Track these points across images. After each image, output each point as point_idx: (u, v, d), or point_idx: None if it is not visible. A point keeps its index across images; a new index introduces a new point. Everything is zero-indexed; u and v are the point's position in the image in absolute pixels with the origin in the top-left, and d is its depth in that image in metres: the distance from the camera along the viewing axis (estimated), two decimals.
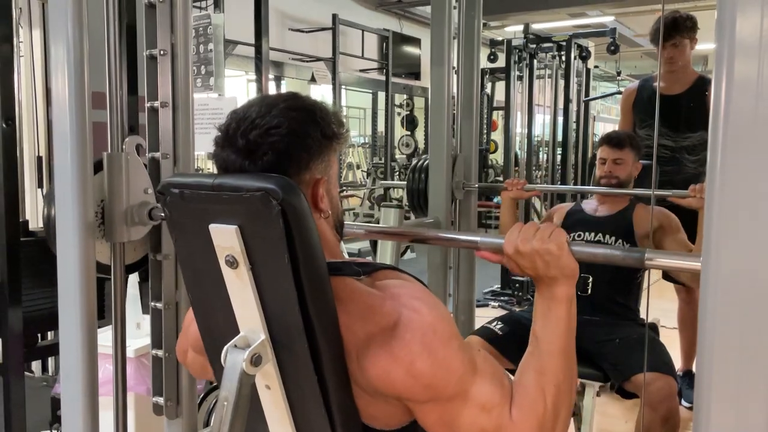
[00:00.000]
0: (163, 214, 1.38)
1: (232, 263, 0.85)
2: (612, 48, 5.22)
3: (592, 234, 2.22)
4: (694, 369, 2.42)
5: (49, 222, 1.40)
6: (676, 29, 2.58)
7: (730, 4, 0.67)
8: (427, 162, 2.60)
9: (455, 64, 2.53)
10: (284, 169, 0.86)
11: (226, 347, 0.87)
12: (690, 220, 2.15)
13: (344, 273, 0.89)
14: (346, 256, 1.00)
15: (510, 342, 2.09)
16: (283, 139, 0.86)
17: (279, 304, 0.85)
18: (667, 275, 2.60)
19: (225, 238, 0.84)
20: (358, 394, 0.87)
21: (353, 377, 0.87)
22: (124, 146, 1.38)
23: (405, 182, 2.62)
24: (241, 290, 0.86)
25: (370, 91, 9.08)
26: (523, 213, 5.10)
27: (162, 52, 1.43)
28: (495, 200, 6.34)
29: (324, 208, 0.92)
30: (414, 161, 2.81)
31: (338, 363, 0.85)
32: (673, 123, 2.56)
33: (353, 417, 0.89)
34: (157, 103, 1.44)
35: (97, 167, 1.36)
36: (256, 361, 0.87)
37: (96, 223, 1.34)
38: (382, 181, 7.62)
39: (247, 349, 0.86)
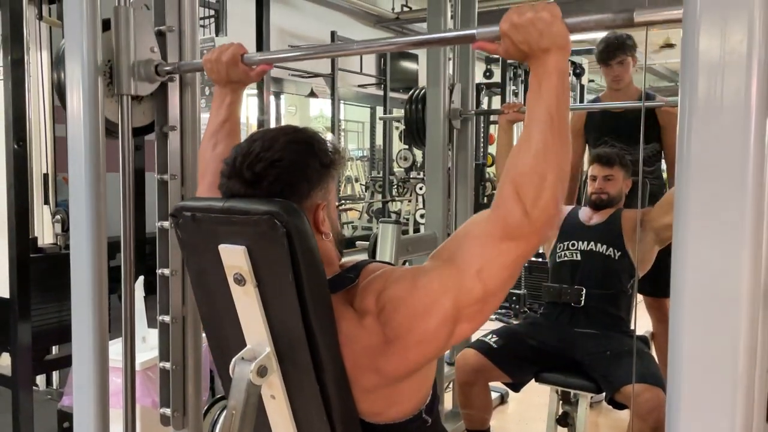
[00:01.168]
0: (167, 68, 1.45)
1: (240, 281, 0.91)
2: None
3: (585, 243, 2.29)
4: None
5: (60, 86, 1.44)
6: (621, 49, 2.72)
7: (693, 24, 0.73)
8: (424, 92, 2.67)
9: (451, 83, 2.62)
10: (287, 198, 0.93)
11: (234, 359, 0.94)
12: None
13: (341, 287, 0.96)
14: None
15: (505, 355, 2.15)
16: (286, 170, 0.94)
17: (283, 318, 0.92)
18: (643, 288, 2.66)
19: (233, 257, 0.91)
20: (379, 393, 0.95)
21: (368, 385, 0.94)
22: (130, 3, 1.43)
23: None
24: (248, 306, 0.93)
25: (369, 105, 9.17)
26: None
27: (171, 79, 1.50)
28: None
29: (326, 230, 0.99)
30: (411, 91, 2.90)
31: (339, 373, 0.92)
32: (626, 137, 2.66)
33: (353, 423, 0.95)
34: (166, 127, 1.51)
35: (105, 27, 1.41)
36: (261, 372, 0.93)
37: (105, 79, 1.40)
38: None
39: (254, 361, 0.93)
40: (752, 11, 0.69)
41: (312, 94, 7.29)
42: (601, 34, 3.19)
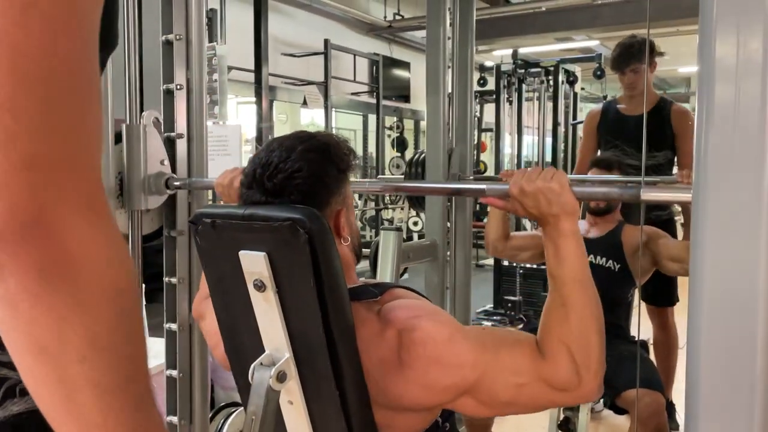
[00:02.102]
0: (177, 183, 1.47)
1: (260, 287, 0.92)
2: (598, 73, 5.37)
3: None
4: (670, 398, 2.49)
5: None
6: (634, 56, 2.64)
7: (709, 31, 0.73)
8: (423, 155, 2.68)
9: (449, 91, 2.63)
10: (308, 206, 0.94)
11: (253, 365, 0.94)
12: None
13: (362, 297, 0.97)
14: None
15: None
16: (306, 181, 0.95)
17: (303, 324, 0.92)
18: (647, 297, 2.66)
19: (254, 263, 0.91)
20: (379, 411, 0.95)
21: (373, 398, 0.94)
22: (142, 119, 1.46)
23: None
24: (267, 312, 0.93)
25: (361, 113, 9.21)
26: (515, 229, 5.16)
27: (178, 87, 1.51)
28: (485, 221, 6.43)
29: (346, 235, 1.00)
30: (411, 155, 2.90)
31: (359, 380, 0.92)
32: (638, 143, 2.61)
33: (372, 431, 0.95)
34: (173, 134, 1.52)
35: (117, 139, 1.43)
36: (281, 377, 0.94)
37: (115, 192, 1.42)
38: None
39: (273, 367, 0.93)
40: None
41: (305, 103, 7.30)
42: (588, 44, 3.17)
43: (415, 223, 7.22)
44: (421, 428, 0.99)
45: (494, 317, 4.82)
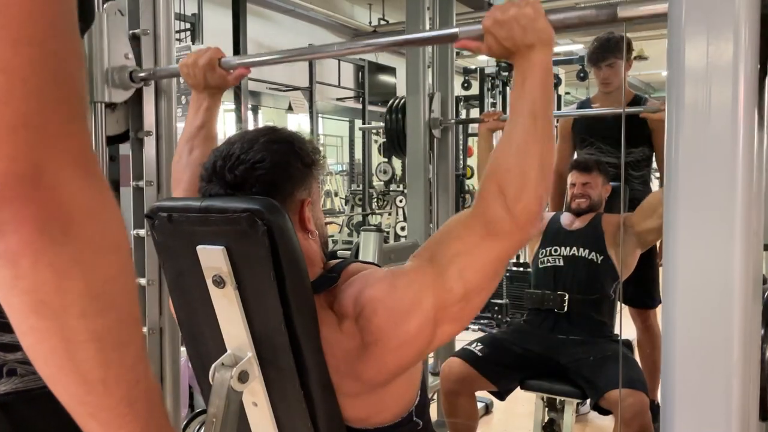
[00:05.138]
0: (142, 75, 1.41)
1: (219, 283, 0.88)
2: (581, 75, 5.37)
3: (568, 248, 2.29)
4: (657, 400, 2.48)
5: None
6: (611, 51, 2.61)
7: (678, 35, 0.72)
8: (404, 101, 2.65)
9: (430, 92, 2.62)
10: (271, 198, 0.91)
11: (213, 365, 0.90)
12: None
13: (322, 289, 0.93)
14: None
15: (489, 363, 2.13)
16: (268, 171, 0.92)
17: (265, 321, 0.89)
18: (628, 299, 2.64)
19: (212, 258, 0.87)
20: (362, 402, 0.92)
21: (350, 391, 0.91)
22: (103, 9, 1.40)
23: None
24: (227, 309, 0.90)
25: (347, 119, 9.19)
26: None
27: (146, 84, 1.47)
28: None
29: (311, 228, 0.97)
30: (391, 101, 2.87)
31: (323, 377, 0.89)
32: (613, 140, 2.59)
33: (339, 429, 0.92)
34: (141, 133, 1.48)
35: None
36: (243, 377, 0.90)
37: None
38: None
39: (235, 367, 0.89)
40: (737, 20, 0.69)
41: (290, 109, 7.27)
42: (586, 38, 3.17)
43: (403, 228, 7.19)
44: (409, 394, 0.96)
45: (481, 320, 4.79)
